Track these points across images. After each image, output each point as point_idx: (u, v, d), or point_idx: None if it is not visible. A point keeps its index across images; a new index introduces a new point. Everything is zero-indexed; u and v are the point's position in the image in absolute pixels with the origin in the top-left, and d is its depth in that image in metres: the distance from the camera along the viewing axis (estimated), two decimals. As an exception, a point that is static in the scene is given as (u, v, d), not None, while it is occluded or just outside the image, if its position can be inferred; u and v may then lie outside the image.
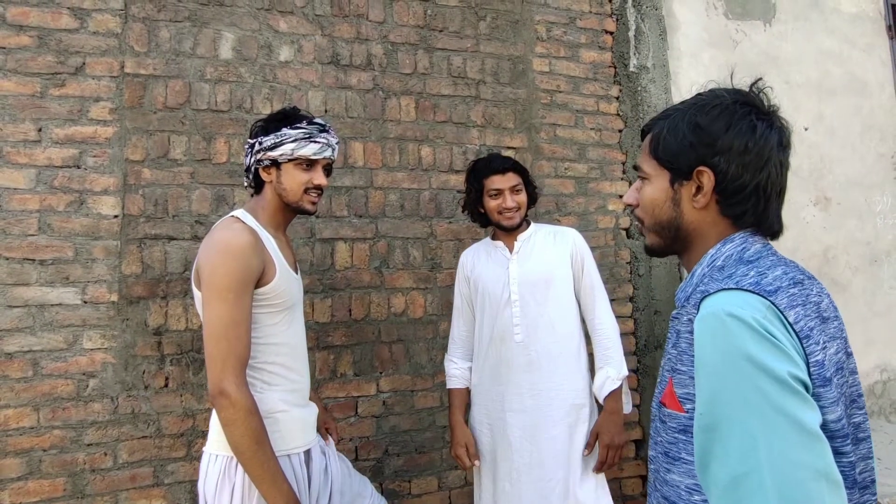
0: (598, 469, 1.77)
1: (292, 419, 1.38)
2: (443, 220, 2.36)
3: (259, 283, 1.33)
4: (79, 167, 1.92)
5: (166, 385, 1.94)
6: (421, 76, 2.38)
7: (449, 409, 1.93)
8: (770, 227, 0.85)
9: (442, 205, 2.36)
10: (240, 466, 1.26)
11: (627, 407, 1.84)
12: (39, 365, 1.83)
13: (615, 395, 1.80)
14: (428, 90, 2.38)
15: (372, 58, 2.31)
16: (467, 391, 1.93)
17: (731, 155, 0.81)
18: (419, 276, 2.30)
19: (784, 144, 0.83)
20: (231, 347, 1.25)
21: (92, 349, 1.88)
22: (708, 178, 0.83)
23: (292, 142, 1.41)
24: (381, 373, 2.22)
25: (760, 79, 0.87)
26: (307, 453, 1.43)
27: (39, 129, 1.89)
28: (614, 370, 1.80)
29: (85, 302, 1.89)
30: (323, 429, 1.67)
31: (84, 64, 1.95)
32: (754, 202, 0.82)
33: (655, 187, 0.89)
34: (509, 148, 2.48)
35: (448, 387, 1.95)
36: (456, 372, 1.93)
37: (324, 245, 2.18)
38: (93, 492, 1.84)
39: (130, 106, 1.99)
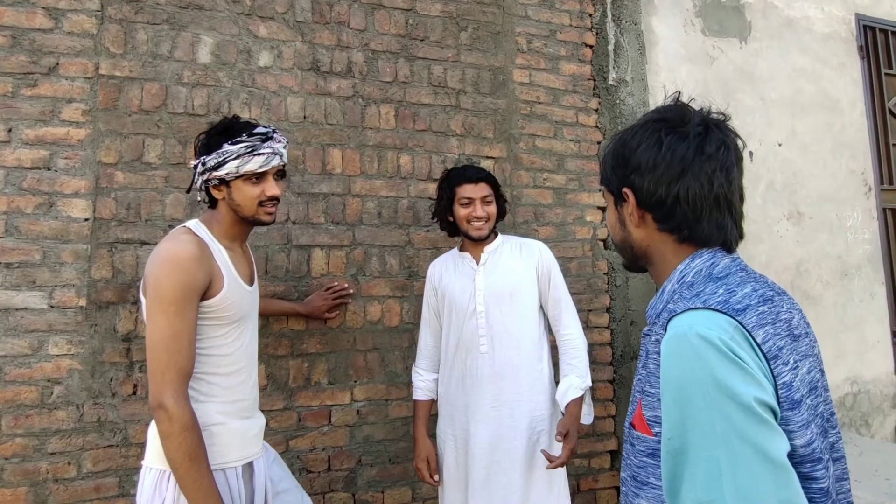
0: (552, 467, 1.73)
1: (230, 432, 1.36)
2: (420, 229, 2.36)
3: (205, 295, 1.32)
4: (49, 169, 1.89)
5: (134, 392, 1.90)
6: (401, 85, 2.38)
7: (413, 420, 1.94)
8: (708, 240, 0.84)
9: (420, 213, 2.36)
10: (171, 481, 1.25)
11: (588, 418, 1.85)
12: (2, 371, 1.78)
13: (577, 402, 1.80)
14: (408, 99, 2.39)
15: (352, 65, 2.31)
16: (432, 402, 1.95)
17: (643, 172, 0.84)
18: (396, 285, 2.29)
19: (708, 154, 0.81)
20: (171, 360, 1.24)
21: (58, 355, 1.84)
22: (631, 198, 0.87)
23: (235, 158, 1.37)
24: (355, 381, 2.20)
25: (679, 92, 0.90)
26: (249, 466, 1.41)
27: (9, 130, 1.86)
28: (578, 379, 1.81)
29: (52, 306, 1.85)
30: None
31: (58, 64, 1.92)
32: (682, 214, 0.83)
33: (609, 210, 0.96)
34: (488, 157, 2.49)
35: (413, 398, 1.96)
36: (420, 384, 1.95)
37: (300, 252, 2.16)
38: (55, 502, 1.79)
39: (104, 108, 1.96)
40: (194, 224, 1.41)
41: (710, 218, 0.83)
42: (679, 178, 0.81)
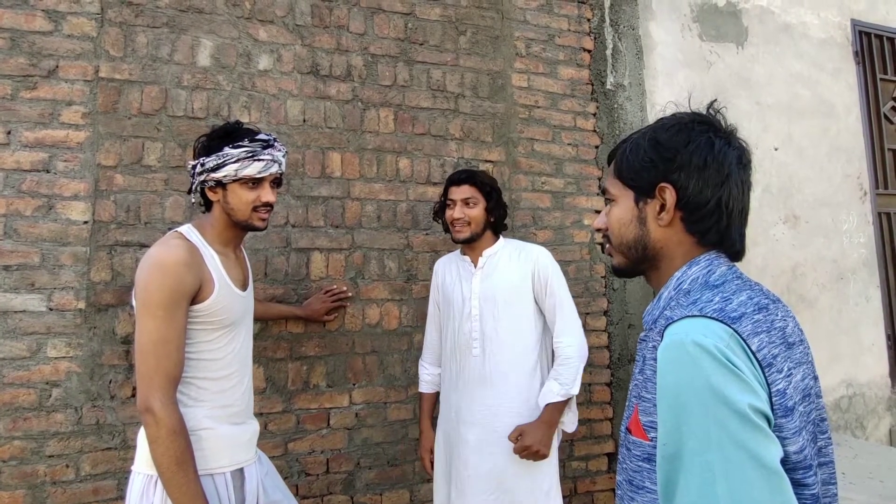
0: (518, 449, 1.74)
1: (218, 437, 1.36)
2: (419, 232, 2.36)
3: (195, 299, 1.32)
4: (48, 171, 1.89)
5: (133, 395, 1.90)
6: (400, 88, 2.39)
7: (419, 412, 2.01)
8: (733, 246, 0.85)
9: (419, 216, 2.36)
10: (158, 486, 1.25)
11: (570, 426, 1.84)
12: (1, 373, 1.78)
13: (553, 407, 1.78)
14: (407, 102, 2.39)
15: (352, 69, 2.32)
16: (436, 396, 2.00)
17: (691, 170, 0.82)
18: (394, 288, 2.30)
19: (743, 163, 0.84)
20: (159, 365, 1.24)
21: (56, 358, 1.83)
22: (670, 194, 0.84)
23: (235, 162, 1.38)
24: (354, 384, 2.20)
25: (716, 100, 0.89)
26: (240, 473, 1.40)
27: (9, 132, 1.86)
28: (559, 386, 1.78)
29: (50, 309, 1.85)
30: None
31: (57, 67, 1.93)
32: (717, 218, 0.83)
33: (621, 207, 0.90)
34: (487, 161, 2.50)
35: (419, 390, 2.02)
36: (426, 376, 2.01)
37: (299, 255, 2.17)
38: (53, 505, 1.79)
39: (104, 111, 1.97)
40: (186, 229, 1.41)
41: (736, 226, 0.85)
42: (724, 182, 0.82)
